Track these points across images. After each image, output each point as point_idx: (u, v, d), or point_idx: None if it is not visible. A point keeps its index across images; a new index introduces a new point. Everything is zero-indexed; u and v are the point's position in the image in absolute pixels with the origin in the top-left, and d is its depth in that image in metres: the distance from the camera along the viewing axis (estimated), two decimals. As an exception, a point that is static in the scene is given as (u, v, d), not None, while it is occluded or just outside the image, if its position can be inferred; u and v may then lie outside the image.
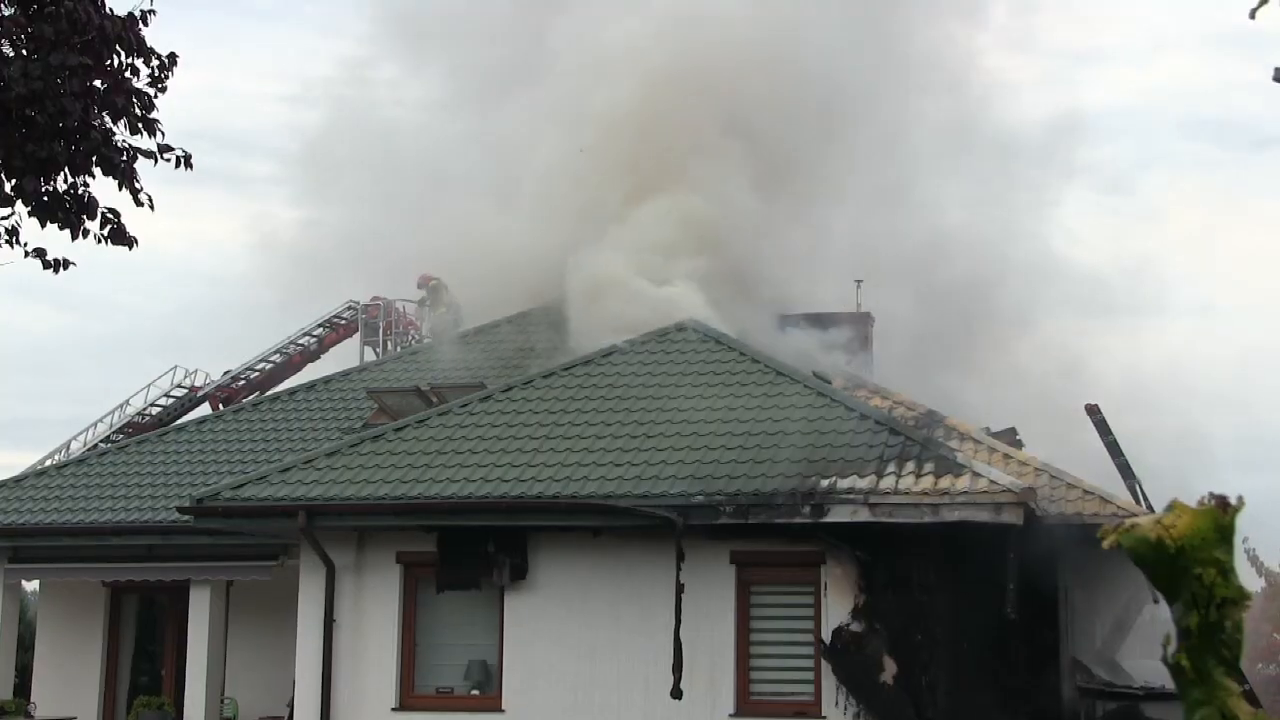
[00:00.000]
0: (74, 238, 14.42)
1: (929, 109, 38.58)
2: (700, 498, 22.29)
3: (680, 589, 22.51)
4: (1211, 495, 2.66)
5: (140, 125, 14.33)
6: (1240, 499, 2.64)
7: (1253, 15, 5.96)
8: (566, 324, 31.29)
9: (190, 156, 14.59)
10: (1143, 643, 30.91)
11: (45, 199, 14.12)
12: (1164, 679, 26.34)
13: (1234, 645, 2.59)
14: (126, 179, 14.25)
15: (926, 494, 21.73)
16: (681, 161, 32.96)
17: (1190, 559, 2.59)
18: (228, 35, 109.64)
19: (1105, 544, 2.63)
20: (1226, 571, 2.60)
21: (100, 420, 42.44)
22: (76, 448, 40.76)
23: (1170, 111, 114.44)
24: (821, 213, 35.56)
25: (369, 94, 54.96)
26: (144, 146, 14.52)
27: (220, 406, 39.50)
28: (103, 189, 14.66)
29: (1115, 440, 27.48)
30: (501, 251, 33.22)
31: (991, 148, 38.39)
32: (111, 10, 14.05)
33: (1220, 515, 2.62)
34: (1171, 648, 2.63)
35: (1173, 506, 2.66)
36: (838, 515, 21.89)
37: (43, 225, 14.32)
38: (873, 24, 37.22)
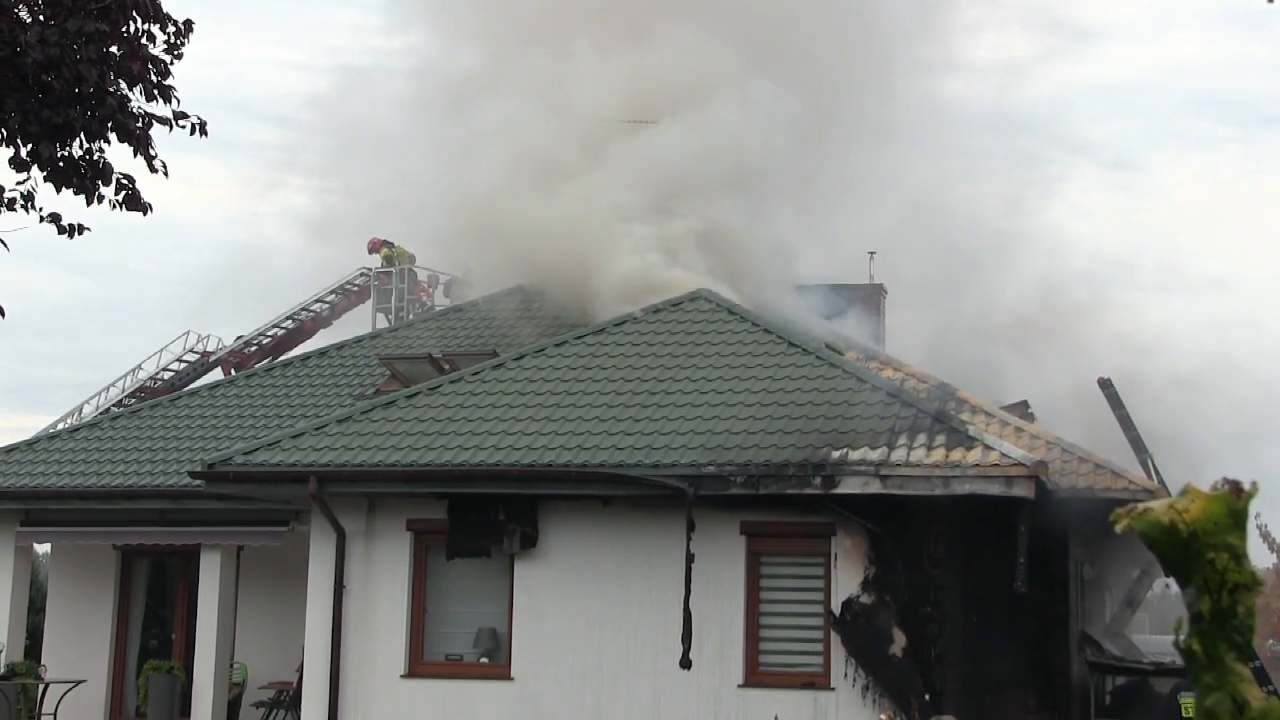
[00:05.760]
0: (89, 203, 14.47)
1: (933, 85, 38.65)
2: (711, 468, 22.30)
3: (690, 559, 22.54)
4: (1225, 480, 2.67)
5: (156, 92, 14.36)
6: (1254, 484, 2.65)
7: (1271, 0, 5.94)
8: (578, 293, 31.31)
9: (205, 123, 14.62)
10: (1153, 617, 30.97)
11: (61, 164, 14.16)
12: (1174, 654, 26.39)
13: (1245, 630, 2.60)
14: (141, 145, 14.28)
15: (938, 466, 21.74)
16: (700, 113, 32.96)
17: (1203, 544, 2.60)
18: (239, 3, 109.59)
19: (1118, 528, 2.65)
20: (1239, 557, 2.61)
21: (113, 384, 42.57)
22: (89, 411, 40.89)
23: (1176, 88, 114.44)
24: (830, 183, 35.59)
25: (380, 61, 55.04)
26: (159, 113, 14.55)
27: (232, 372, 39.55)
28: (117, 155, 14.69)
29: (1127, 414, 27.47)
30: (516, 218, 33.16)
31: (997, 123, 38.56)
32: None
33: (1233, 500, 2.63)
34: (1183, 632, 2.65)
35: (1186, 490, 2.67)
36: (849, 487, 21.90)
37: (58, 190, 14.36)
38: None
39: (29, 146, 14.03)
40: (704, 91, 32.92)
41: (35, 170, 14.27)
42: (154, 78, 14.38)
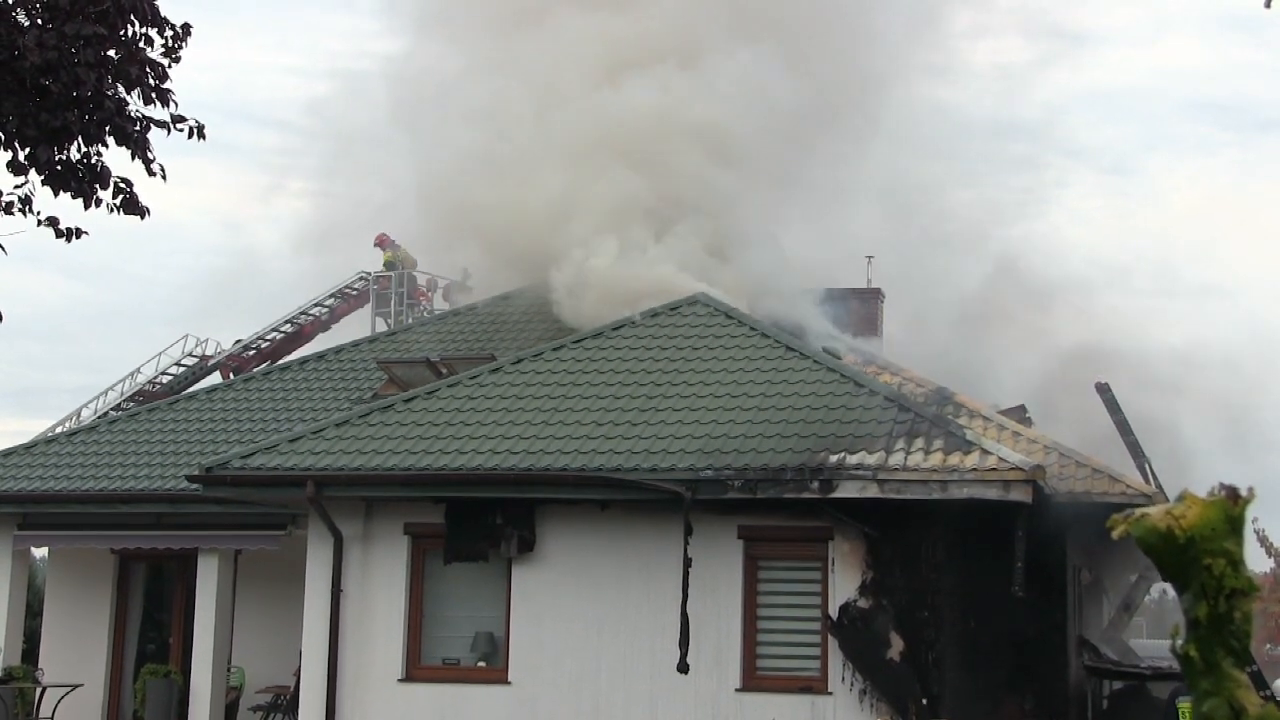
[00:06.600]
0: (86, 207, 14.46)
1: (931, 90, 38.63)
2: (709, 472, 22.28)
3: (688, 563, 22.52)
4: (1222, 486, 2.67)
5: (153, 95, 14.35)
6: (1251, 490, 2.65)
7: (1268, 4, 5.95)
8: (570, 300, 31.26)
9: (203, 127, 14.60)
10: (1151, 622, 30.92)
11: (58, 168, 14.15)
12: (1171, 659, 26.37)
13: (1242, 636, 2.60)
14: (139, 149, 14.27)
15: (935, 471, 21.72)
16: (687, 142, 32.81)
17: (1200, 550, 2.60)
18: (237, 7, 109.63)
19: (1115, 534, 2.64)
20: (1236, 563, 2.61)
21: (111, 388, 42.50)
22: (87, 415, 40.82)
23: (1173, 93, 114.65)
24: (831, 187, 35.52)
25: (377, 66, 54.95)
26: (157, 116, 14.54)
27: (231, 375, 39.51)
28: (114, 158, 14.68)
29: (1125, 418, 27.47)
30: (489, 212, 33.04)
31: (996, 128, 38.56)
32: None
33: (1230, 506, 2.63)
34: (1180, 638, 2.64)
35: (1183, 497, 2.67)
36: (846, 491, 21.88)
37: (55, 194, 14.35)
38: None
39: (27, 150, 14.02)
40: (689, 56, 32.80)
41: (33, 174, 14.26)
42: (152, 81, 14.37)
